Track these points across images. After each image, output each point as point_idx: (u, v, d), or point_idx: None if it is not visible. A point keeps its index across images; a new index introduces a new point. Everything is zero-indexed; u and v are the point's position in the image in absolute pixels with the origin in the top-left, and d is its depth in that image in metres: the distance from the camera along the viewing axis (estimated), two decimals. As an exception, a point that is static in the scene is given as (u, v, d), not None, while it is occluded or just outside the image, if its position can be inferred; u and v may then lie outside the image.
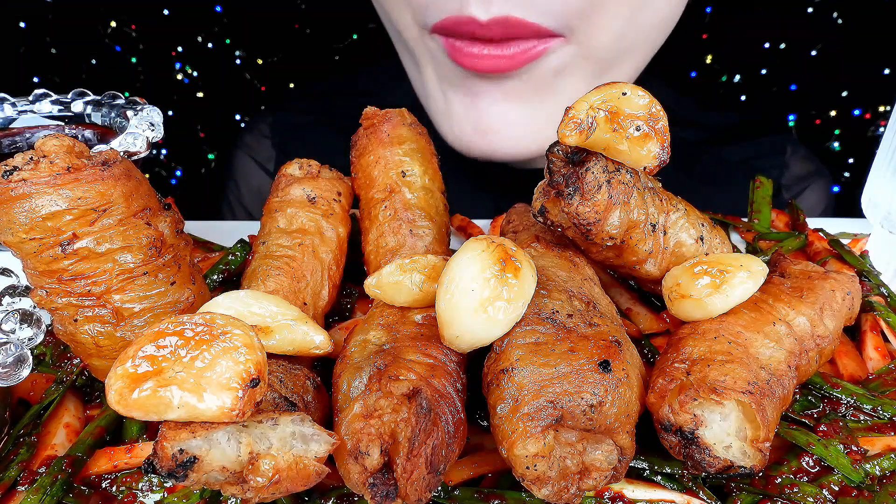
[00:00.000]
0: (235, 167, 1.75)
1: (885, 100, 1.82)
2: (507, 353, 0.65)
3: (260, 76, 2.06)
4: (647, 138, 0.70)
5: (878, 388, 0.81)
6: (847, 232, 1.11)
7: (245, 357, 0.54)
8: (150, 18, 1.95)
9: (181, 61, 2.02)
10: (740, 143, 1.63)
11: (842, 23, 1.76)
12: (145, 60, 2.01)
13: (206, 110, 2.09)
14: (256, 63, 2.05)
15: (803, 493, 0.69)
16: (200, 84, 2.06)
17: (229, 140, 1.83)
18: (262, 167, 1.71)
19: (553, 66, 1.21)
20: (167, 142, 2.11)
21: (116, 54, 1.98)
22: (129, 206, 0.68)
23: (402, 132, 0.95)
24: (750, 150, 1.62)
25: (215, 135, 2.10)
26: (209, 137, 2.11)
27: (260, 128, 1.75)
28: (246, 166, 1.73)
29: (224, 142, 1.89)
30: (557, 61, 1.21)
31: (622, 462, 0.64)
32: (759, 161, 1.60)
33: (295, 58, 2.03)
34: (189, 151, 2.12)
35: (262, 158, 1.71)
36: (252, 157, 1.72)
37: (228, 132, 1.94)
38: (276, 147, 1.71)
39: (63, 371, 0.83)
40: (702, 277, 0.76)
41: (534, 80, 1.22)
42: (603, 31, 1.18)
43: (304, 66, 2.03)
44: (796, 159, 1.63)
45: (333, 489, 0.69)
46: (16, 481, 0.72)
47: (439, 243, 0.89)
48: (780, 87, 1.85)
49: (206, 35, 1.99)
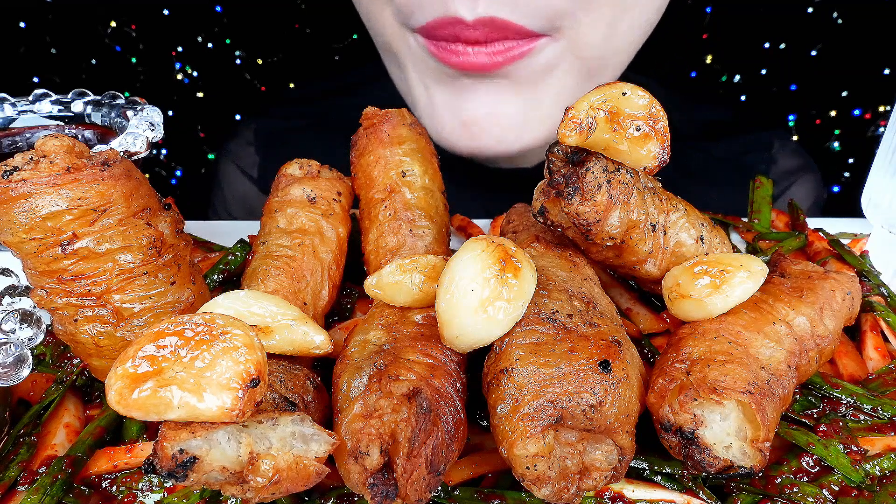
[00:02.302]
0: (220, 175, 1.75)
1: (885, 100, 1.82)
2: (507, 353, 0.65)
3: (260, 76, 2.06)
4: (647, 138, 0.70)
5: (878, 388, 0.81)
6: (847, 232, 1.11)
7: (245, 357, 0.54)
8: (150, 18, 1.95)
9: (181, 61, 2.02)
10: (727, 139, 1.63)
11: (842, 23, 1.76)
12: (145, 60, 2.01)
13: (206, 110, 2.09)
14: (256, 63, 2.05)
15: (803, 493, 0.69)
16: (200, 84, 2.06)
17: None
18: (246, 174, 1.70)
19: (541, 64, 1.20)
20: (167, 142, 2.11)
21: (116, 54, 1.98)
22: (129, 206, 0.68)
23: (402, 132, 0.95)
24: (737, 145, 1.62)
25: (215, 135, 2.10)
26: (209, 137, 2.11)
27: (243, 135, 1.75)
28: (230, 174, 1.73)
29: (224, 142, 1.89)
30: (545, 59, 1.20)
31: (622, 462, 0.64)
32: (746, 157, 1.60)
33: (295, 58, 2.03)
34: (189, 151, 2.12)
35: (246, 165, 1.71)
36: (236, 165, 1.72)
37: (228, 132, 1.94)
38: (259, 153, 1.71)
39: (63, 371, 0.83)
40: (702, 277, 0.76)
41: (521, 77, 1.21)
42: (591, 30, 1.17)
43: (305, 66, 2.03)
44: (785, 154, 1.63)
45: (333, 489, 0.69)
46: (16, 481, 0.72)
47: (439, 243, 0.89)
48: (780, 87, 1.85)
49: (206, 35, 1.99)
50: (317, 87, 1.83)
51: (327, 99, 1.74)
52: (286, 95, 2.00)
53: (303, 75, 2.01)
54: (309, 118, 1.71)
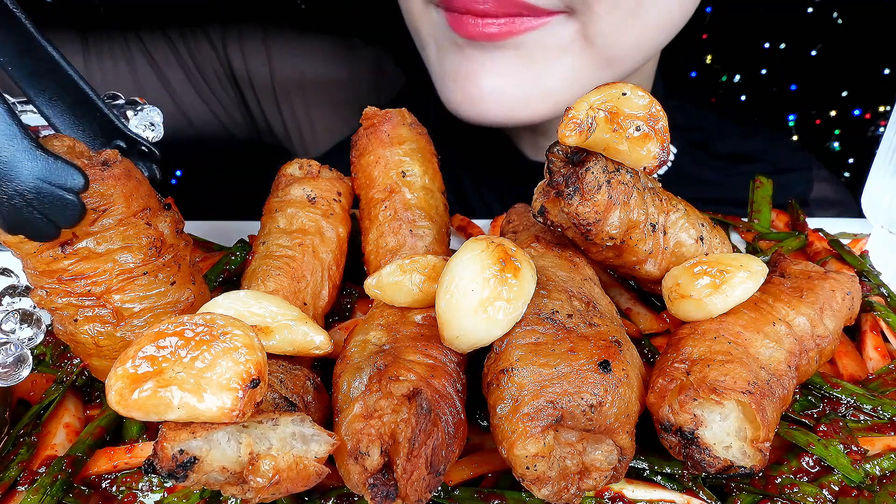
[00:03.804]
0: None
1: (885, 100, 1.82)
2: (507, 354, 0.65)
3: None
4: (647, 138, 0.70)
5: (878, 388, 0.81)
6: (847, 232, 1.11)
7: (245, 357, 0.54)
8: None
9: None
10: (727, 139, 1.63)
11: (842, 23, 1.76)
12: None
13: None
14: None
15: (803, 493, 0.69)
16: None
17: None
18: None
19: (552, 41, 1.20)
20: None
21: (116, 54, 1.98)
22: (129, 206, 0.68)
23: (402, 132, 0.95)
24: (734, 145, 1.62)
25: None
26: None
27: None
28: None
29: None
30: (557, 38, 1.20)
31: (622, 462, 0.64)
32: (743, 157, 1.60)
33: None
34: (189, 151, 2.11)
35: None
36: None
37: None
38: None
39: (63, 371, 0.83)
40: (702, 277, 0.76)
41: (531, 51, 1.22)
42: (604, 17, 1.17)
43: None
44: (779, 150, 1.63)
45: (333, 489, 0.69)
46: (16, 481, 0.72)
47: (439, 243, 0.89)
48: (780, 87, 1.85)
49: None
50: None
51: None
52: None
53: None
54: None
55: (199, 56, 1.64)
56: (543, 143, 1.47)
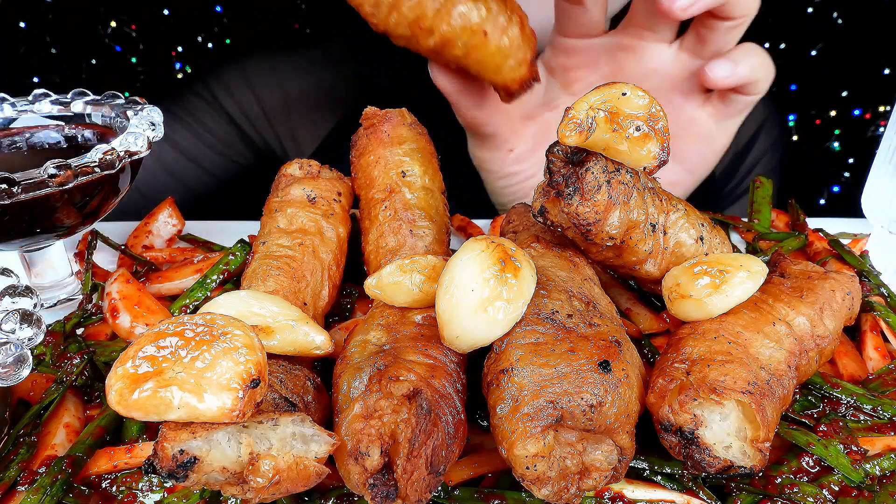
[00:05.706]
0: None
1: (885, 100, 1.82)
2: (507, 354, 0.65)
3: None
4: (646, 138, 0.70)
5: (878, 388, 0.81)
6: (847, 232, 1.11)
7: (245, 358, 0.54)
8: (150, 18, 1.95)
9: (181, 61, 2.02)
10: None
11: (842, 23, 1.76)
12: (145, 60, 2.01)
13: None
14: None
15: (803, 493, 0.69)
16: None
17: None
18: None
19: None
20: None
21: (116, 54, 1.98)
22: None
23: (402, 132, 0.95)
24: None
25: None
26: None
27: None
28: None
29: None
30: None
31: (622, 462, 0.64)
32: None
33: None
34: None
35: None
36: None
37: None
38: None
39: (63, 371, 0.83)
40: (701, 277, 0.76)
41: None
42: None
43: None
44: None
45: (333, 489, 0.69)
46: (16, 481, 0.72)
47: (439, 243, 0.89)
48: (780, 87, 1.85)
49: (206, 35, 1.99)
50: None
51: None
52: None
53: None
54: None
55: (198, 113, 1.73)
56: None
